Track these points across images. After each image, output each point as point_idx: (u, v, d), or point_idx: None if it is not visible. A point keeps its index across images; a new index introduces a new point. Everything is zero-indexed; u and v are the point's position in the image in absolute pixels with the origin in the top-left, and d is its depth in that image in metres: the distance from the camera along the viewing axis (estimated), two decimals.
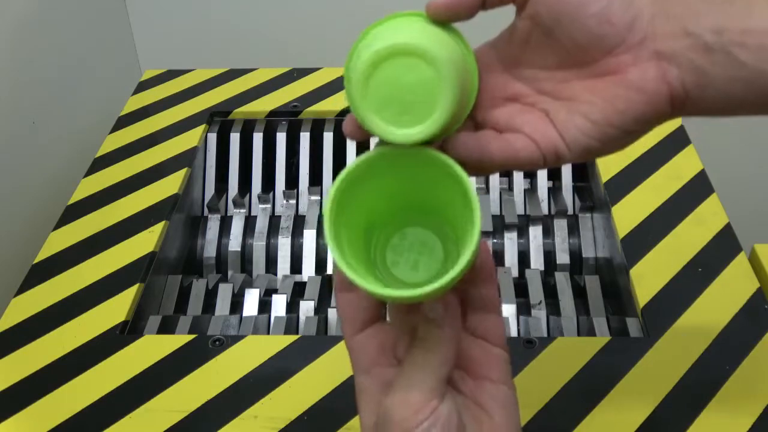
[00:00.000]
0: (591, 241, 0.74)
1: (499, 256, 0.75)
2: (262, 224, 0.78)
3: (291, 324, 0.66)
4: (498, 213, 0.77)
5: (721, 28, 0.31)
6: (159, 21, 1.13)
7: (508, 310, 0.66)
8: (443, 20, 0.34)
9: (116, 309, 0.61)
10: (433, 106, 0.31)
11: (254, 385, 0.54)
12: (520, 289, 0.69)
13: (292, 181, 0.82)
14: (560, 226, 0.75)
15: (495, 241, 0.75)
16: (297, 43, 1.13)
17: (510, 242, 0.75)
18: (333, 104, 0.82)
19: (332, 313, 0.67)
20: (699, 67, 0.32)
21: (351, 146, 0.81)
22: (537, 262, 0.74)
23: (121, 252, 0.66)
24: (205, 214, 0.80)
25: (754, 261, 0.62)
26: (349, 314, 0.35)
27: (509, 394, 0.35)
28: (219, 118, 0.83)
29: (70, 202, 0.72)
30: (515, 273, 0.74)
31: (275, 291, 0.70)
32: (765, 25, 0.31)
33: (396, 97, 0.31)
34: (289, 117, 0.82)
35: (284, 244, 0.76)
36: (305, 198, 0.80)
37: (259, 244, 0.77)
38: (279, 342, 0.57)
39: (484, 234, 0.75)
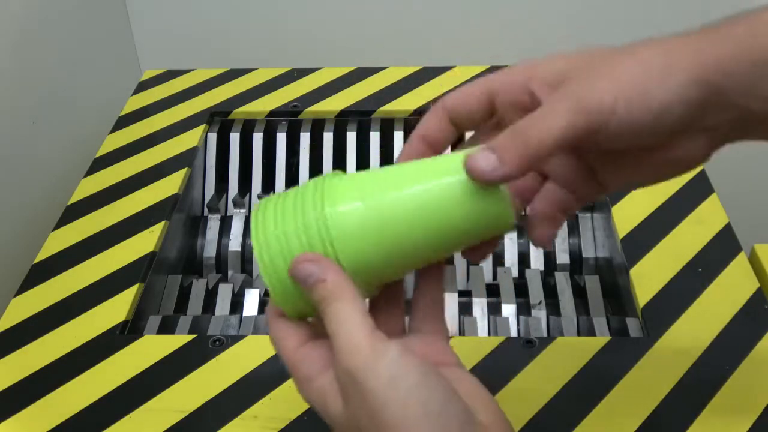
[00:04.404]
0: (591, 241, 0.74)
1: (499, 256, 0.75)
2: None
3: None
4: None
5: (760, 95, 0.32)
6: (159, 21, 1.13)
7: (508, 310, 0.66)
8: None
9: (116, 309, 0.61)
10: None
11: (254, 385, 0.54)
12: (520, 289, 0.69)
13: (292, 181, 0.81)
14: None
15: None
16: (297, 43, 1.13)
17: (510, 242, 0.75)
18: (333, 104, 0.82)
19: None
20: (743, 127, 0.33)
21: (351, 146, 0.81)
22: (537, 262, 0.74)
23: (121, 252, 0.66)
24: (205, 214, 0.80)
25: (754, 261, 0.62)
26: (290, 331, 0.36)
27: (466, 373, 0.36)
28: (219, 118, 0.83)
29: (70, 202, 0.72)
30: (515, 273, 0.74)
31: None
32: None
33: None
34: (289, 117, 0.82)
35: None
36: None
37: None
38: None
39: None
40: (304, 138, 0.82)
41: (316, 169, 0.81)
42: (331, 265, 0.34)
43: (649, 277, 0.61)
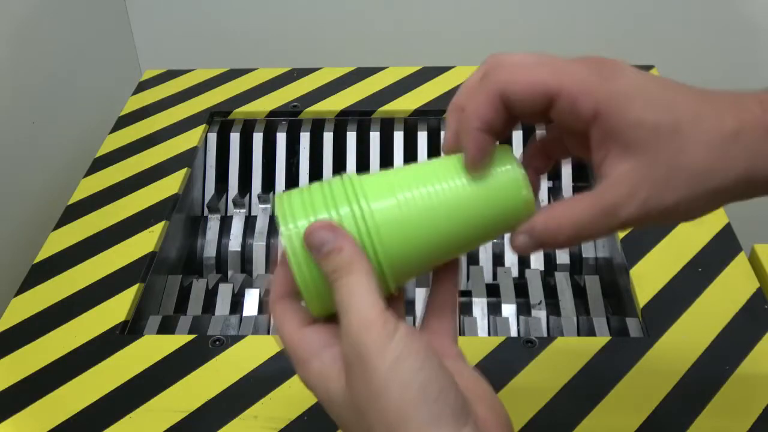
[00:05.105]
0: (591, 241, 0.74)
1: (499, 256, 0.75)
2: (262, 224, 0.78)
3: None
4: None
5: None
6: (159, 21, 1.13)
7: (508, 310, 0.66)
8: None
9: (116, 309, 0.61)
10: None
11: (254, 385, 0.54)
12: (520, 289, 0.69)
13: (292, 181, 0.82)
14: None
15: (495, 241, 0.75)
16: (297, 43, 1.13)
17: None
18: (333, 104, 0.82)
19: None
20: None
21: (351, 146, 0.81)
22: (537, 262, 0.74)
23: (121, 252, 0.66)
24: (205, 214, 0.80)
25: (754, 261, 0.62)
26: (291, 313, 0.36)
27: (467, 366, 0.36)
28: (219, 118, 0.83)
29: (70, 202, 0.72)
30: (515, 273, 0.74)
31: None
32: None
33: None
34: (289, 117, 0.82)
35: None
36: None
37: (259, 244, 0.77)
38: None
39: None
40: (304, 138, 0.82)
41: (316, 169, 0.81)
42: (346, 235, 0.33)
43: (649, 277, 0.61)
